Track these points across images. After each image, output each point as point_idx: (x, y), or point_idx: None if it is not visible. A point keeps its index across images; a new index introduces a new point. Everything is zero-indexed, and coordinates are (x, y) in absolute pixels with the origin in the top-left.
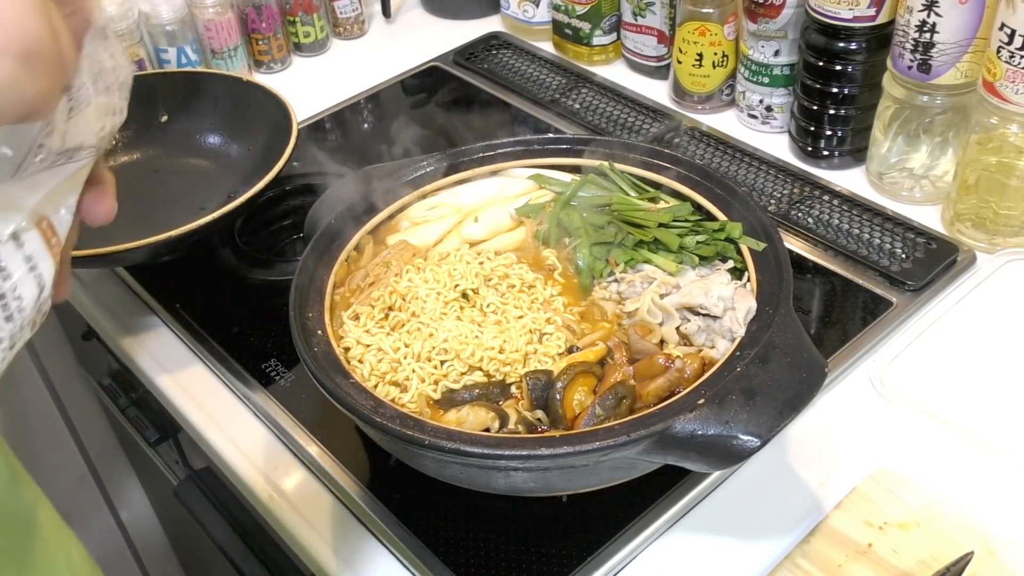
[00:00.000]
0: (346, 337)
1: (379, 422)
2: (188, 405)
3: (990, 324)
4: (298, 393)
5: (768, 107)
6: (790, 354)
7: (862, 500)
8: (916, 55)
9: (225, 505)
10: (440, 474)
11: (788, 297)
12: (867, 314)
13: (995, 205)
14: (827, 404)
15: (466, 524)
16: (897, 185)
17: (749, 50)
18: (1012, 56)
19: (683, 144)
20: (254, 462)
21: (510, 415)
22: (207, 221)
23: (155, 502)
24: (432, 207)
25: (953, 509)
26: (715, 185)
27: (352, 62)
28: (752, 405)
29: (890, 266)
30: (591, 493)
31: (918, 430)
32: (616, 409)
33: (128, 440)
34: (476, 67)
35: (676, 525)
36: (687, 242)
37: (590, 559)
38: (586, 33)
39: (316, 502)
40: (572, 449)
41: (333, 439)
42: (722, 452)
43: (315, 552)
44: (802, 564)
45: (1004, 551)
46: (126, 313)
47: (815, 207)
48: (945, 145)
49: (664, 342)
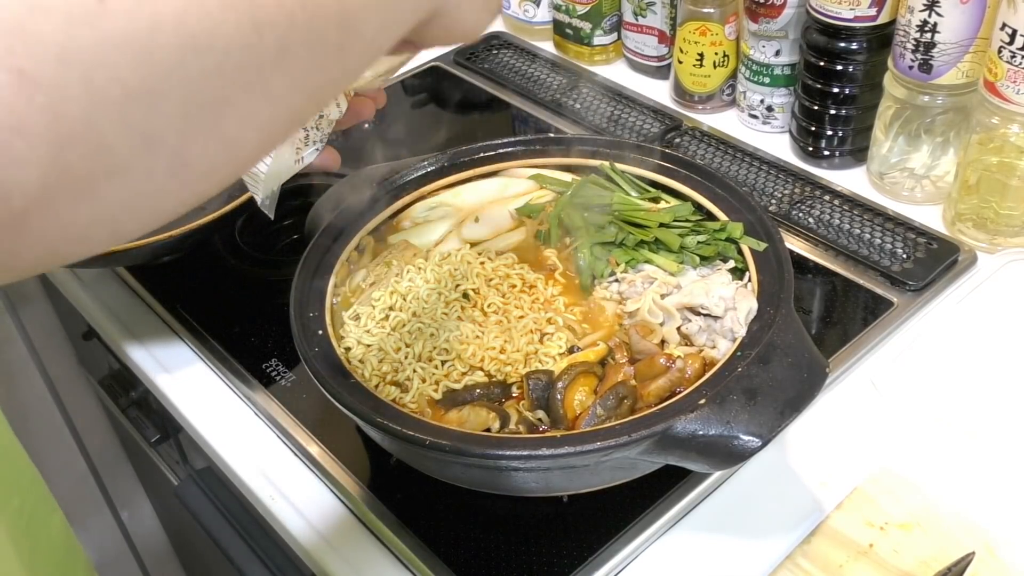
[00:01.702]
0: (347, 337)
1: (380, 422)
2: (188, 405)
3: (991, 324)
4: (299, 393)
5: (769, 107)
6: (791, 354)
7: (863, 500)
8: (917, 55)
9: (226, 505)
10: (441, 474)
11: (789, 297)
12: (868, 314)
13: (996, 205)
14: (828, 404)
15: (466, 524)
16: (898, 185)
17: (750, 50)
18: (1013, 56)
19: (684, 144)
20: (255, 462)
21: (511, 415)
22: (207, 221)
23: (156, 502)
24: (433, 207)
25: (954, 509)
26: (716, 185)
27: None
28: (753, 405)
29: (891, 266)
30: (592, 493)
31: (919, 430)
32: (617, 409)
33: (129, 440)
34: (477, 67)
35: (677, 525)
36: (688, 242)
37: (591, 559)
38: (587, 33)
39: (316, 502)
40: (573, 449)
41: (334, 439)
42: (723, 452)
43: (315, 552)
44: (803, 564)
45: (1004, 551)
46: (127, 313)
47: (816, 207)
48: (946, 145)
49: (665, 342)
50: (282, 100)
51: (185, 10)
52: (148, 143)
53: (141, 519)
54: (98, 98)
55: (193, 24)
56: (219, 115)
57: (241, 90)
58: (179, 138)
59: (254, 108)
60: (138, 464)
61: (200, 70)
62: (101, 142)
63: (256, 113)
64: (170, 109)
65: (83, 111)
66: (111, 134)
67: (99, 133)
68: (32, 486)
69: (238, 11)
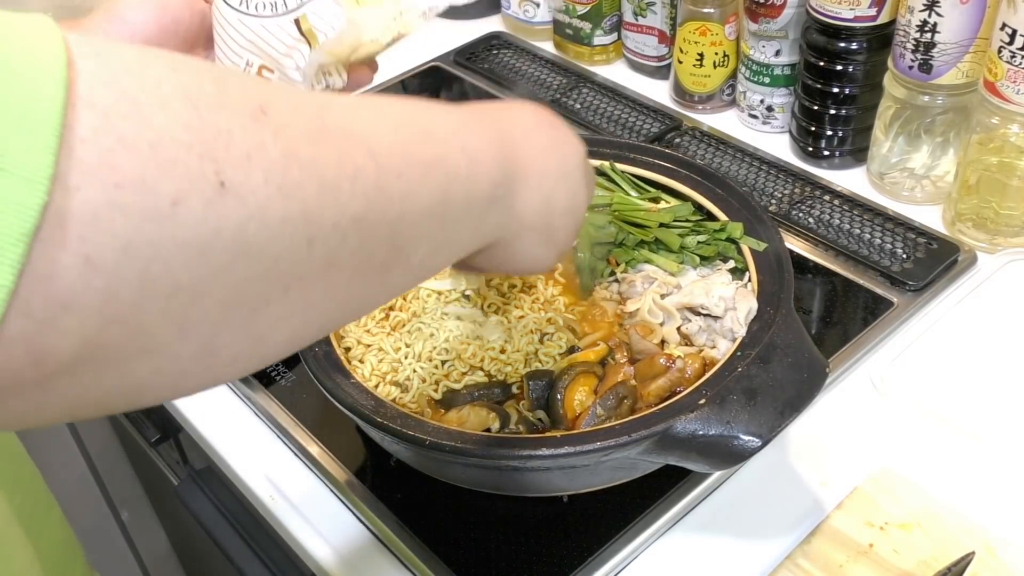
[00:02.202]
0: (347, 337)
1: (380, 422)
2: (189, 405)
3: (991, 324)
4: (299, 393)
5: (769, 107)
6: (791, 354)
7: (863, 500)
8: (917, 55)
9: (226, 505)
10: (441, 474)
11: (789, 297)
12: (868, 314)
13: (996, 205)
14: (828, 404)
15: (466, 524)
16: (898, 185)
17: (750, 50)
18: (1013, 56)
19: (684, 144)
20: (255, 462)
21: (511, 415)
22: None
23: (155, 502)
24: None
25: (954, 509)
26: (716, 185)
27: None
28: (753, 405)
29: (891, 266)
30: (592, 493)
31: (919, 430)
32: (617, 409)
33: (128, 440)
34: (477, 67)
35: (677, 525)
36: (688, 242)
37: (591, 559)
38: (587, 33)
39: (316, 502)
40: (573, 449)
41: (334, 439)
42: (723, 452)
43: (315, 552)
44: (803, 564)
45: (1005, 551)
46: None
47: (816, 207)
48: (946, 145)
49: (665, 342)
50: (317, 307)
51: (248, 221)
52: (183, 331)
53: (141, 519)
54: (148, 288)
55: (251, 233)
56: (255, 313)
57: (281, 293)
58: (212, 330)
59: (289, 311)
60: (138, 464)
61: (247, 273)
62: (141, 325)
63: (290, 316)
64: (211, 304)
65: (133, 297)
66: (152, 320)
67: (141, 317)
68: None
69: (295, 227)
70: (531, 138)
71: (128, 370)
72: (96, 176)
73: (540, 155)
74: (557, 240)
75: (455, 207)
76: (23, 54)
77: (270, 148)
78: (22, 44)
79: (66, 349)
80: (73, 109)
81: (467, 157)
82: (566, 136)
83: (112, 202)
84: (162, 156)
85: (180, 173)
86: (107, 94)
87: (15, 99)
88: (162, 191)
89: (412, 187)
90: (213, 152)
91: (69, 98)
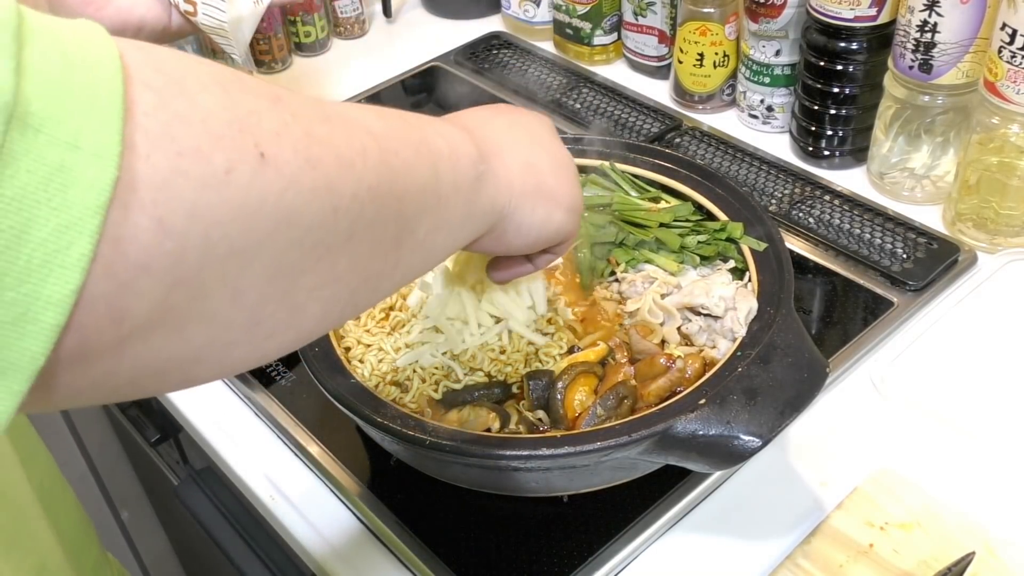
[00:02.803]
0: (347, 337)
1: (380, 422)
2: (189, 405)
3: (991, 324)
4: (299, 393)
5: (769, 107)
6: (791, 354)
7: (863, 500)
8: (917, 55)
9: (226, 505)
10: (441, 474)
11: (789, 297)
12: (868, 314)
13: (996, 205)
14: (828, 404)
15: (466, 524)
16: (898, 185)
17: (750, 50)
18: (1013, 56)
19: (684, 144)
20: (255, 462)
21: (511, 415)
22: None
23: (155, 502)
24: None
25: (954, 509)
26: (716, 185)
27: (353, 62)
28: (753, 405)
29: (891, 266)
30: (592, 493)
31: (919, 430)
32: (617, 409)
33: (128, 440)
34: (477, 67)
35: (677, 525)
36: (688, 242)
37: (591, 559)
38: (587, 33)
39: (316, 502)
40: (573, 449)
41: (334, 439)
42: (723, 452)
43: (315, 552)
44: (803, 564)
45: (1005, 551)
46: None
47: (816, 207)
48: (946, 145)
49: (665, 342)
50: (343, 279)
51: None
52: (235, 296)
53: (141, 519)
54: (210, 251)
55: (290, 200)
56: (293, 282)
57: (314, 262)
58: (259, 297)
59: (321, 281)
60: (138, 464)
61: (287, 240)
62: (202, 288)
63: (322, 286)
64: (259, 269)
65: (197, 260)
66: (211, 283)
67: (203, 280)
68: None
69: (322, 197)
70: (490, 123)
71: (188, 336)
72: (160, 145)
73: (504, 132)
74: (559, 197)
75: (446, 184)
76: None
77: (293, 127)
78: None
79: (142, 310)
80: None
81: (445, 140)
82: (524, 113)
83: (177, 168)
84: (212, 130)
85: (227, 144)
86: (158, 77)
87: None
88: (215, 160)
89: (408, 163)
90: (250, 128)
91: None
